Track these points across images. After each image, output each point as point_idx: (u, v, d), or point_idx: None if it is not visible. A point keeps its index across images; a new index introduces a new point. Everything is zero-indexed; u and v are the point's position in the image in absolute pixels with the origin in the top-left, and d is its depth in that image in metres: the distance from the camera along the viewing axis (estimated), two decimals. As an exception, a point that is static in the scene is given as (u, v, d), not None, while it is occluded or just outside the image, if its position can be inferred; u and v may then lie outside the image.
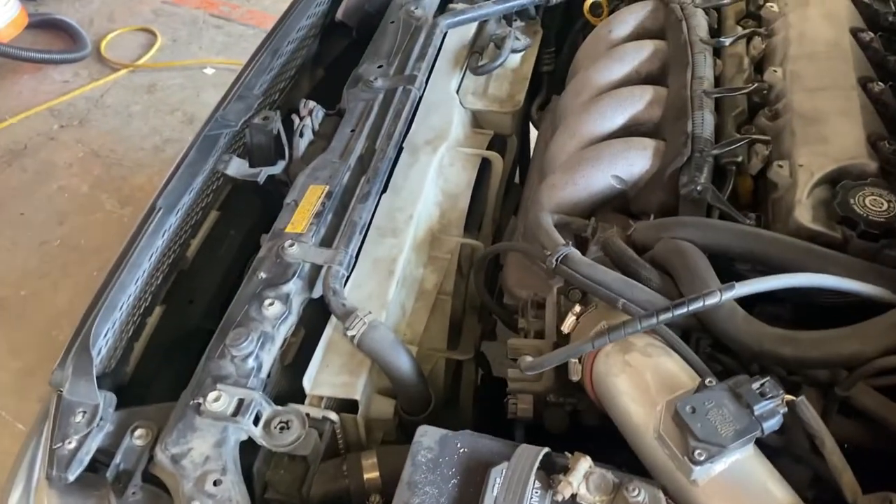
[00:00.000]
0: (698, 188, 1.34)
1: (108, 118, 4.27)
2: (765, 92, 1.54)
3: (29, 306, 3.27)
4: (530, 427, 1.31)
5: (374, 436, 1.35)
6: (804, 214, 1.28)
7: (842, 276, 1.12)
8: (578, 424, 1.33)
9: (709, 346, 1.23)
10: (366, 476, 1.20)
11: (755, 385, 0.98)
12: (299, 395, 1.31)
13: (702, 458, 0.93)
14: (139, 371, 1.45)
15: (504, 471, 0.98)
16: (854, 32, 1.59)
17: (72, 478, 1.13)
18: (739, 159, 1.41)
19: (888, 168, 1.33)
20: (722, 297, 1.03)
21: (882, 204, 1.24)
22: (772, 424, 0.96)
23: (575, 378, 1.20)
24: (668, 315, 1.04)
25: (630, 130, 1.58)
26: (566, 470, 1.00)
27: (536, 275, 1.50)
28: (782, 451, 1.09)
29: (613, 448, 1.09)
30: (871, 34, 1.59)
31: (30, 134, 4.17)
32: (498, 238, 1.83)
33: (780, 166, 1.36)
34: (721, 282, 1.21)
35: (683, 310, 1.03)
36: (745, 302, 1.20)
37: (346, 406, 1.30)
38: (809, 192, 1.31)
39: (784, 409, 0.98)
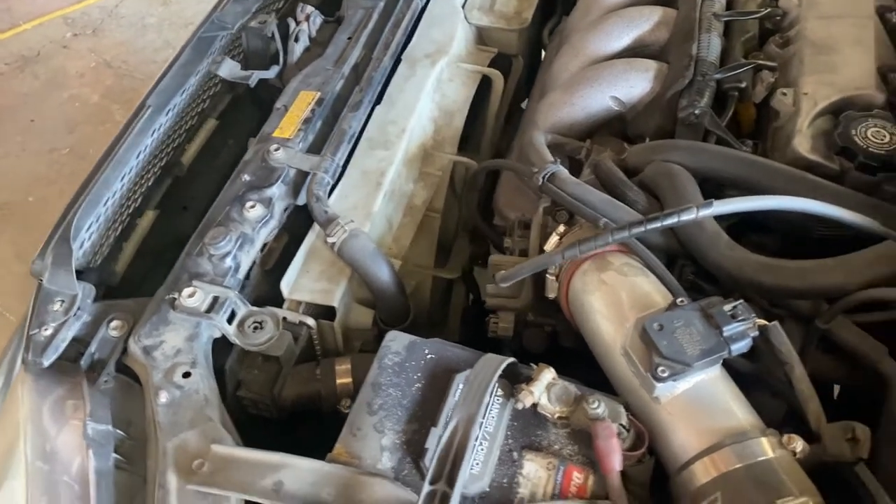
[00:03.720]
0: (696, 112, 1.30)
1: (121, 29, 4.23)
2: (778, 18, 1.48)
3: (36, 212, 3.29)
4: (516, 353, 1.31)
5: (353, 345, 1.35)
6: (803, 144, 1.24)
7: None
8: (558, 346, 1.33)
9: (692, 273, 1.21)
10: (338, 381, 1.20)
11: (727, 307, 0.96)
12: (279, 301, 1.30)
13: (664, 375, 0.92)
14: (130, 272, 1.45)
15: (467, 376, 0.98)
16: None
17: (46, 363, 1.14)
18: (743, 85, 1.36)
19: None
20: (698, 213, 1.00)
21: (884, 136, 1.20)
22: (740, 346, 0.95)
23: (551, 295, 1.18)
24: (641, 228, 1.01)
25: (635, 52, 1.53)
26: (530, 380, 0.99)
27: (527, 196, 1.47)
28: (756, 382, 1.08)
29: (592, 372, 1.08)
30: None
31: (43, 41, 4.15)
32: (499, 160, 1.79)
33: (784, 94, 1.31)
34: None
35: (657, 224, 1.00)
36: (735, 233, 1.18)
37: (325, 313, 1.30)
38: (811, 121, 1.26)
39: (755, 333, 0.96)
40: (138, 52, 4.06)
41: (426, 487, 0.87)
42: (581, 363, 1.13)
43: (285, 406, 1.20)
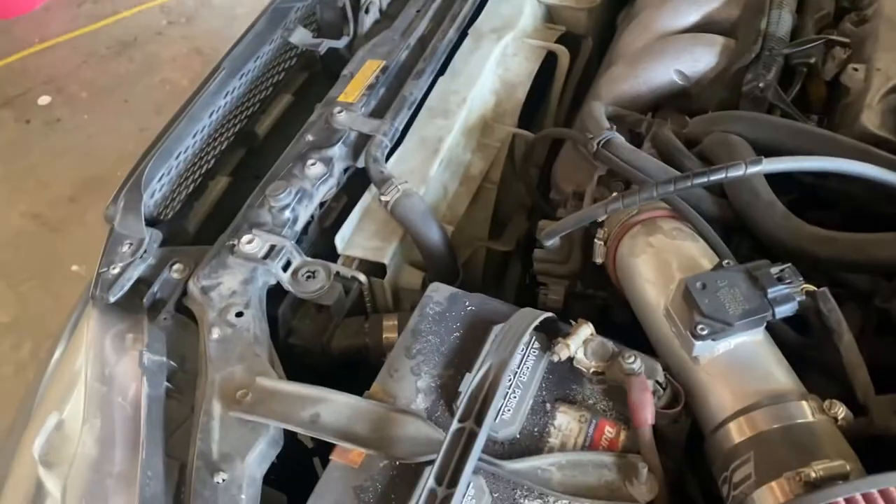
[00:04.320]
0: (761, 85, 1.27)
1: (213, 18, 4.41)
2: (855, -5, 1.43)
3: (123, 186, 3.46)
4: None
5: (403, 305, 1.37)
6: (871, 119, 1.20)
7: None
8: (610, 322, 1.32)
9: (749, 248, 1.18)
10: (385, 335, 1.22)
11: (774, 269, 0.94)
12: (335, 258, 1.34)
13: (704, 333, 0.91)
14: (202, 234, 1.52)
15: (503, 326, 0.99)
16: None
17: (112, 299, 1.21)
18: (812, 61, 1.32)
19: (976, 79, 1.22)
20: (747, 169, 0.98)
21: (959, 113, 1.15)
22: (785, 309, 0.93)
23: (599, 260, 1.18)
24: (686, 183, 1.00)
25: (705, 29, 1.50)
26: (568, 335, 0.99)
27: (585, 170, 1.46)
28: (808, 361, 1.05)
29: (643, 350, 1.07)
30: None
31: (140, 28, 4.36)
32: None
33: (856, 69, 1.27)
34: (771, 185, 1.16)
35: (703, 179, 0.99)
36: (796, 209, 1.15)
37: (377, 271, 1.33)
38: (882, 97, 1.22)
39: (801, 297, 0.94)
40: (228, 40, 4.16)
41: (454, 425, 0.89)
42: (634, 340, 1.12)
43: (333, 356, 1.24)
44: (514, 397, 0.96)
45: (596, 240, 1.17)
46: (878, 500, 0.75)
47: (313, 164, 1.34)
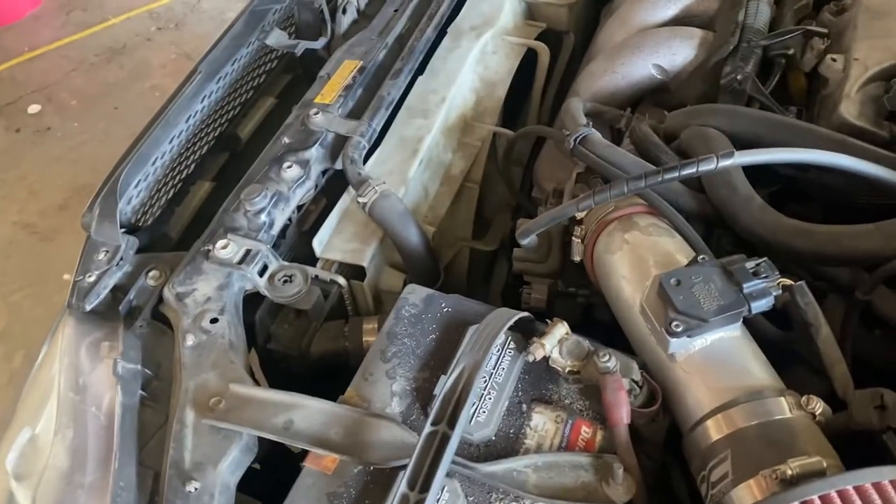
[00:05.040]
0: (739, 78, 1.26)
1: (202, 23, 4.40)
2: (834, -15, 1.42)
3: (114, 193, 3.45)
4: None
5: (384, 308, 1.36)
6: (850, 109, 1.19)
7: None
8: (594, 321, 1.31)
9: (729, 243, 1.17)
10: (365, 339, 1.21)
11: (749, 264, 0.93)
12: (314, 262, 1.33)
13: (679, 330, 0.90)
14: (186, 240, 1.50)
15: (477, 326, 0.98)
16: None
17: (88, 307, 1.20)
18: (791, 52, 1.31)
19: (956, 66, 1.20)
20: (718, 163, 0.96)
21: (938, 101, 1.13)
22: (761, 305, 0.91)
23: (577, 258, 1.17)
24: (657, 178, 0.99)
25: (683, 22, 1.49)
26: (543, 335, 0.98)
27: (566, 168, 1.45)
28: (791, 356, 1.04)
29: (627, 349, 1.06)
30: None
31: (129, 34, 4.35)
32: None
33: (834, 59, 1.26)
34: (750, 178, 1.14)
35: (674, 174, 0.97)
36: (776, 202, 1.14)
37: (357, 274, 1.32)
38: (860, 87, 1.21)
39: (777, 291, 0.92)
40: (217, 45, 4.21)
41: (427, 428, 0.87)
42: (617, 338, 1.10)
43: (313, 361, 1.23)
44: (490, 399, 0.95)
45: (574, 238, 1.16)
46: (854, 497, 0.74)
47: (289, 167, 1.33)
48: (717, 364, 0.92)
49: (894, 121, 1.14)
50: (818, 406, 0.87)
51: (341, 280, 1.28)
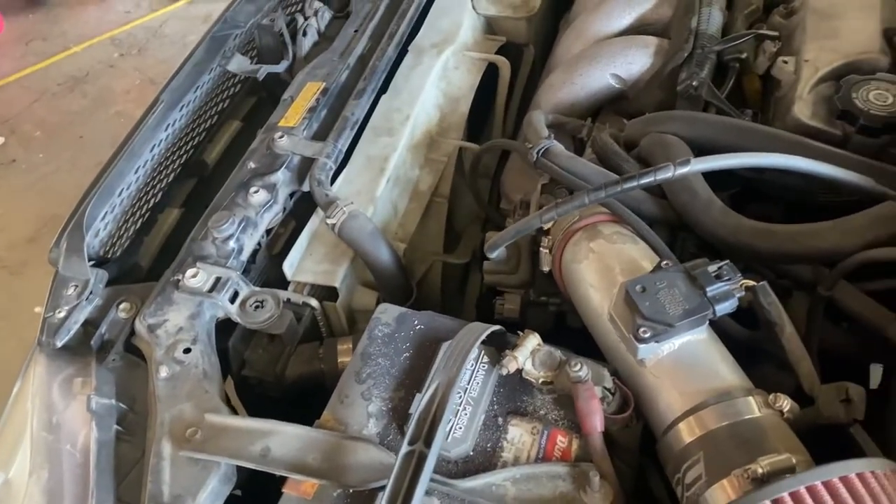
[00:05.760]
0: (694, 84, 1.29)
1: (164, 47, 4.38)
2: (782, -12, 1.45)
3: (83, 223, 3.41)
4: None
5: (359, 327, 1.37)
6: (803, 110, 1.22)
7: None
8: (566, 328, 1.32)
9: (694, 246, 1.19)
10: (340, 360, 1.21)
11: (712, 268, 0.95)
12: (286, 285, 1.33)
13: (646, 336, 0.91)
14: (156, 270, 1.49)
15: (450, 343, 0.99)
16: None
17: (59, 344, 1.19)
18: (744, 56, 1.34)
19: (903, 64, 1.24)
20: (675, 171, 0.98)
21: (887, 98, 1.17)
22: (725, 307, 0.93)
23: (546, 268, 1.18)
24: (617, 188, 1.01)
25: (639, 31, 1.52)
26: (515, 347, 0.99)
27: (532, 179, 1.47)
28: (761, 354, 1.06)
29: (599, 354, 1.07)
30: None
31: (91, 62, 4.33)
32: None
33: (785, 62, 1.29)
34: (711, 181, 1.17)
35: (633, 183, 0.99)
36: (737, 205, 1.16)
37: (329, 295, 1.32)
38: (812, 87, 1.24)
39: (740, 293, 0.94)
40: (180, 69, 4.19)
41: (404, 448, 0.88)
42: (590, 345, 1.12)
43: (289, 385, 1.23)
44: (465, 414, 0.96)
45: (541, 248, 1.17)
46: (822, 492, 0.76)
47: (256, 192, 1.33)
48: (685, 367, 0.94)
49: (846, 119, 1.17)
50: (786, 403, 0.89)
51: (314, 302, 1.28)
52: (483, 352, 1.02)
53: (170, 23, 4.54)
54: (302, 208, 1.43)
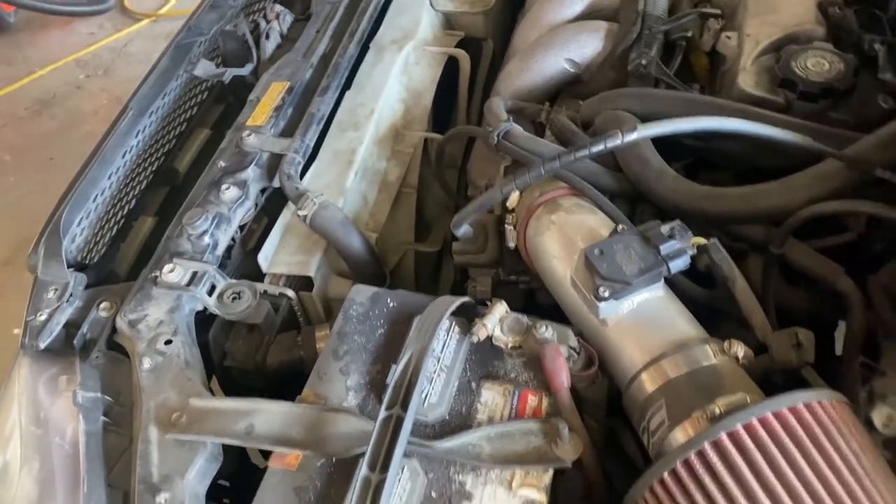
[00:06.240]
0: (644, 62, 1.35)
1: (131, 66, 4.39)
2: (724, -31, 1.52)
3: (58, 244, 3.41)
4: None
5: (335, 315, 1.39)
6: (747, 81, 1.28)
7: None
8: (537, 306, 1.37)
9: (651, 216, 1.24)
10: (318, 346, 1.25)
11: (664, 228, 1.00)
12: (262, 279, 1.37)
13: (605, 295, 0.96)
14: (134, 276, 1.52)
15: (422, 316, 1.03)
16: None
17: (42, 346, 1.22)
18: (689, 34, 1.41)
19: (837, 33, 1.31)
20: (624, 138, 1.04)
21: (824, 65, 1.23)
22: (678, 264, 0.98)
23: (511, 244, 1.23)
24: (570, 157, 1.06)
25: (590, 17, 1.58)
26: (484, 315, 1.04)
27: (495, 164, 1.52)
28: (720, 313, 1.11)
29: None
30: None
31: (58, 84, 4.32)
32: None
33: (728, 37, 1.36)
34: (664, 155, 1.22)
35: (584, 152, 1.05)
36: (691, 174, 1.22)
37: (305, 285, 1.36)
38: (755, 59, 1.31)
39: (692, 251, 1.00)
40: (147, 87, 4.20)
41: (382, 413, 0.92)
42: (559, 319, 1.16)
43: (270, 373, 1.26)
44: (440, 381, 1.00)
45: (506, 225, 1.22)
46: (773, 422, 0.81)
47: (227, 189, 1.36)
48: (644, 323, 0.99)
49: (787, 87, 1.23)
50: (740, 349, 0.95)
51: (290, 292, 1.32)
52: (454, 323, 1.06)
53: (134, 42, 4.55)
54: (273, 204, 1.47)
